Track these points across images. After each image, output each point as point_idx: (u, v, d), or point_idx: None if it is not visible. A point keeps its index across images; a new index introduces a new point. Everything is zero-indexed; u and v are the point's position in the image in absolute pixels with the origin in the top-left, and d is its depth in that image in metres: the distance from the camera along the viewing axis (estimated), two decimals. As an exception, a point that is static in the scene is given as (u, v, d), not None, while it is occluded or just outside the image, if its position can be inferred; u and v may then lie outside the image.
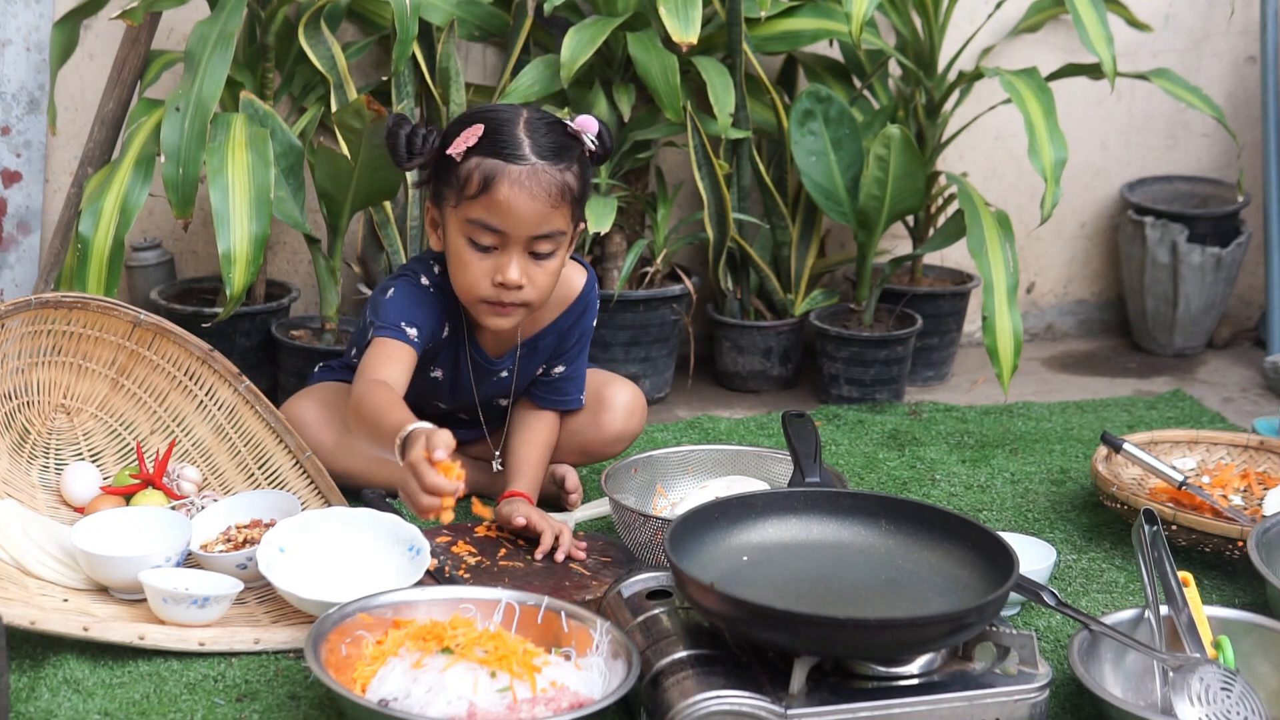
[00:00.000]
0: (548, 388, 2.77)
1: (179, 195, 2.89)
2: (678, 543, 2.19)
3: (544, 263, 2.52)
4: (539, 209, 2.46)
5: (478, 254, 2.50)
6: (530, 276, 2.51)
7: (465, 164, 2.46)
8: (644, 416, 2.86)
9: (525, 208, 2.45)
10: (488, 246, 2.49)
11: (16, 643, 2.28)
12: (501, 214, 2.46)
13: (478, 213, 2.47)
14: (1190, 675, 2.13)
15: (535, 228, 2.47)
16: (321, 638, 2.13)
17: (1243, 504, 2.76)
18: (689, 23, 3.05)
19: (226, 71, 2.91)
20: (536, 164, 2.45)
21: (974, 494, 2.95)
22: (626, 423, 2.82)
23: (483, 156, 2.45)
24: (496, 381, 2.75)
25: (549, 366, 2.76)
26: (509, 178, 2.44)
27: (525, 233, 2.47)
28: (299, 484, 2.71)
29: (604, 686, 2.10)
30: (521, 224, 2.46)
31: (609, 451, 2.85)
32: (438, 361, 2.70)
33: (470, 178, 2.46)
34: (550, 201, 2.46)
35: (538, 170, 2.45)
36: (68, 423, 2.74)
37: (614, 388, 2.83)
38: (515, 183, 2.44)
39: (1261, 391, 3.61)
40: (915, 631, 2.04)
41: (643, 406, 2.85)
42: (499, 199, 2.45)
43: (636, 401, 2.84)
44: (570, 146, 2.51)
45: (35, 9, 3.30)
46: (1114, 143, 3.90)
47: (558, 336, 2.72)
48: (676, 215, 3.54)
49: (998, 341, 3.15)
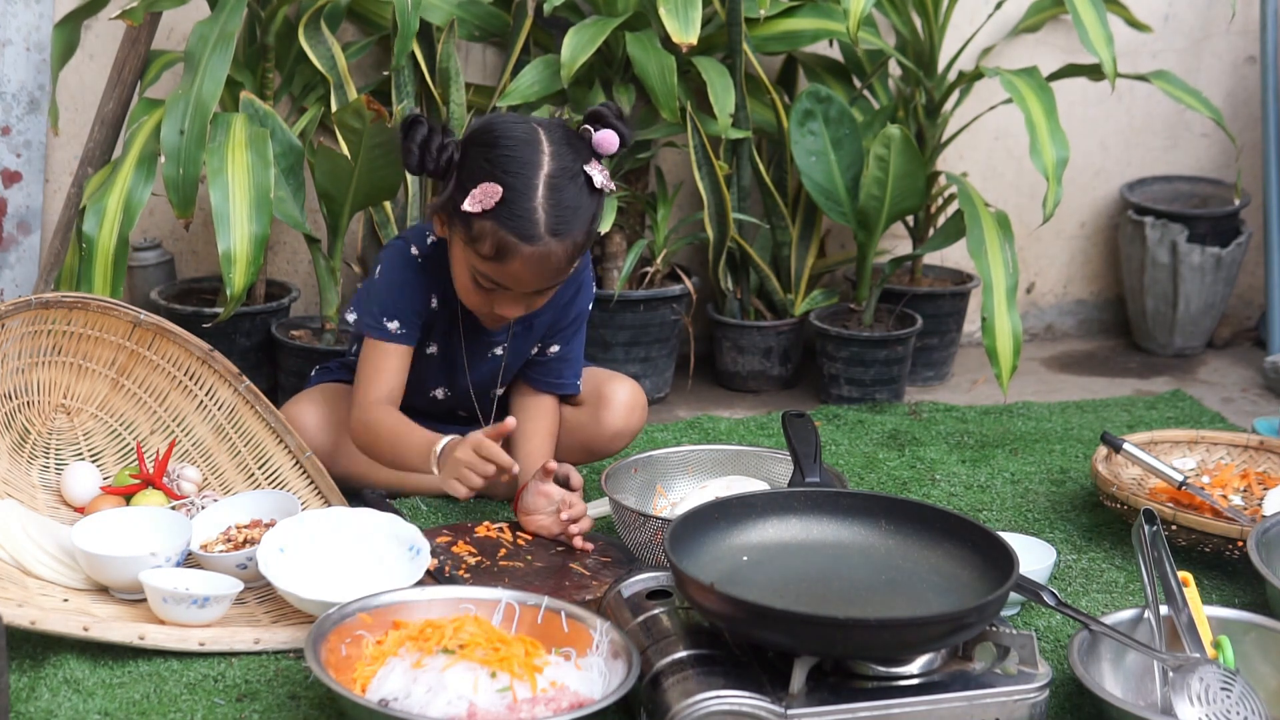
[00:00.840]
0: (543, 369, 2.78)
1: (179, 195, 2.89)
2: (678, 543, 2.19)
3: (545, 294, 2.59)
4: (545, 279, 2.52)
5: (479, 289, 2.54)
6: (529, 305, 2.59)
7: (479, 222, 2.46)
8: (644, 414, 2.87)
9: (531, 280, 2.51)
10: (490, 289, 2.54)
11: (16, 643, 2.28)
12: (509, 279, 2.50)
13: (486, 269, 2.50)
14: (1190, 675, 2.13)
15: (539, 287, 2.54)
16: (321, 638, 2.13)
17: (1243, 504, 2.76)
18: (689, 23, 3.05)
19: (226, 71, 2.91)
20: (549, 242, 2.46)
21: (974, 494, 2.95)
22: (628, 419, 2.83)
23: (497, 224, 2.45)
24: (491, 359, 2.75)
25: (544, 345, 2.77)
26: (520, 256, 2.46)
27: (529, 290, 2.53)
28: (299, 484, 2.71)
29: (604, 686, 2.10)
30: (526, 287, 2.52)
31: (611, 448, 2.86)
32: (432, 335, 2.71)
33: (483, 239, 2.47)
34: (557, 272, 2.51)
35: (549, 249, 2.46)
36: (68, 423, 2.74)
37: (615, 384, 2.84)
38: (527, 261, 2.46)
39: (1261, 391, 3.61)
40: (915, 631, 2.04)
41: (643, 404, 2.86)
42: (509, 270, 2.48)
43: (637, 398, 2.85)
44: (587, 206, 2.50)
45: (35, 9, 3.30)
46: (1114, 143, 3.90)
47: (552, 314, 2.73)
48: (676, 215, 3.54)
49: (997, 342, 3.15)
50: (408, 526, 2.48)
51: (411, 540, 2.46)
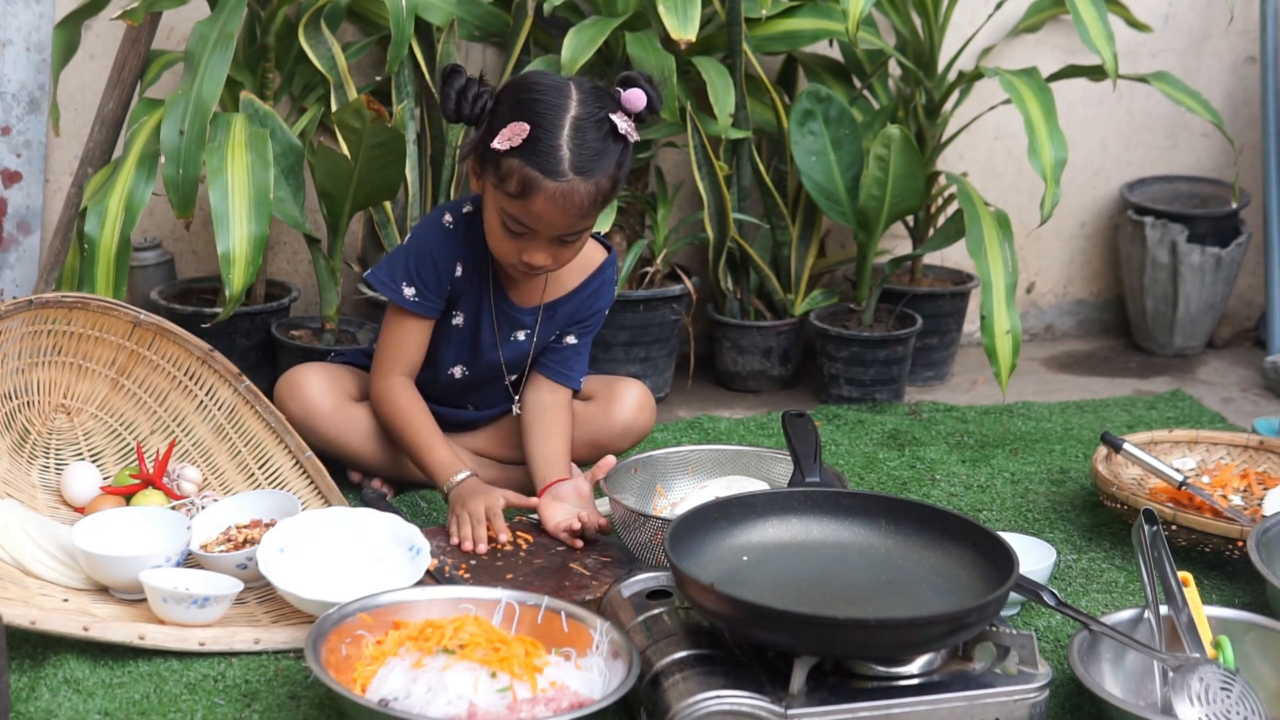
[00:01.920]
0: (555, 355, 2.81)
1: (179, 195, 2.89)
2: (678, 543, 2.19)
3: (570, 244, 2.61)
4: (569, 220, 2.54)
5: (508, 234, 2.57)
6: (556, 256, 2.61)
7: (507, 160, 2.51)
8: (653, 414, 2.92)
9: (557, 219, 2.53)
10: (518, 233, 2.57)
11: (16, 643, 2.28)
12: (534, 219, 2.54)
13: (513, 209, 2.54)
14: (1190, 675, 2.13)
15: (564, 231, 2.56)
16: (321, 638, 2.13)
17: (1243, 504, 2.76)
18: (688, 21, 3.05)
19: (226, 71, 2.91)
20: (573, 180, 2.50)
21: (974, 494, 2.95)
22: (636, 415, 2.87)
23: (523, 161, 2.50)
24: (514, 343, 2.78)
25: (561, 335, 2.80)
26: (545, 193, 2.50)
27: (554, 234, 2.56)
28: (299, 484, 2.71)
29: (604, 686, 2.10)
30: (552, 228, 2.55)
31: (618, 444, 2.87)
32: (460, 304, 2.75)
33: (510, 177, 2.52)
34: (581, 213, 2.54)
35: (574, 187, 2.50)
36: (68, 423, 2.74)
37: (624, 384, 2.90)
38: (550, 198, 2.50)
39: (1261, 391, 3.61)
40: (915, 631, 2.04)
41: (652, 406, 2.91)
42: (533, 208, 2.52)
43: (646, 398, 2.90)
44: (612, 150, 2.56)
45: (35, 9, 3.30)
46: (1114, 143, 3.90)
47: (577, 304, 2.79)
48: (676, 215, 3.54)
49: (996, 341, 3.15)
50: (408, 526, 2.48)
51: (411, 540, 2.46)
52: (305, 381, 2.81)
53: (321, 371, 2.84)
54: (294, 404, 2.79)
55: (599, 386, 2.90)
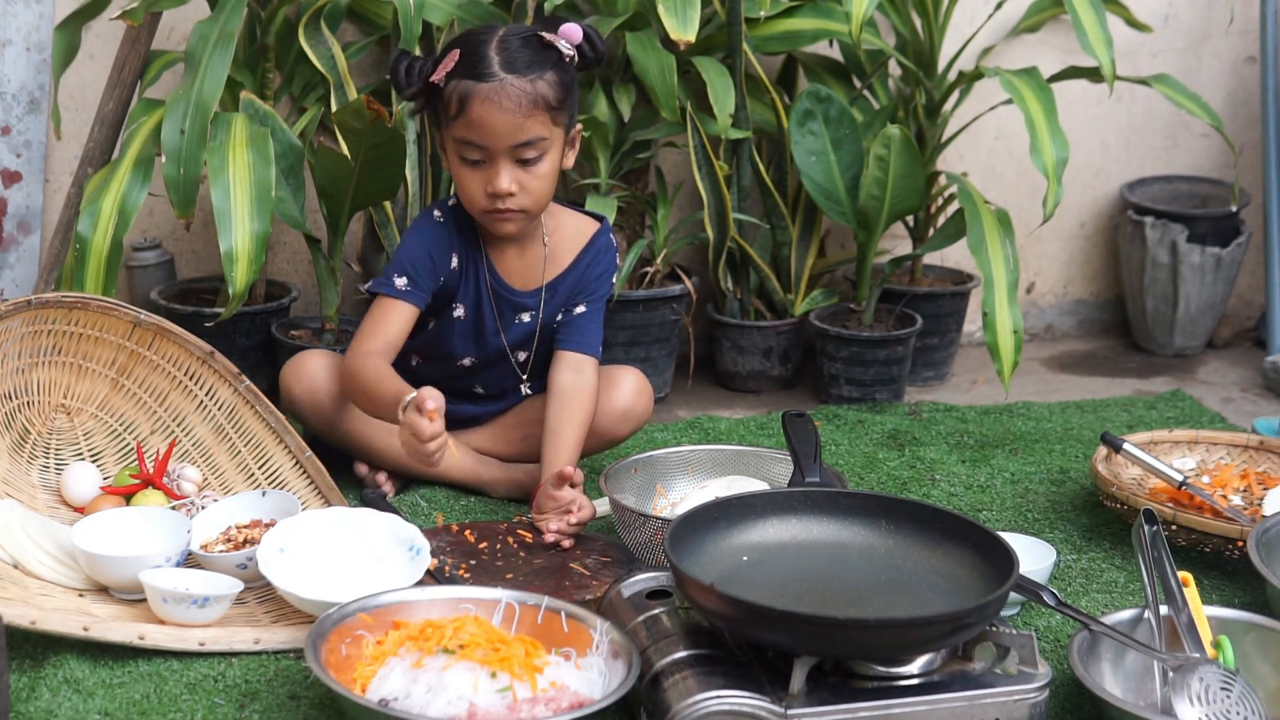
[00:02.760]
0: (570, 328, 2.83)
1: (180, 195, 2.89)
2: (678, 543, 2.19)
3: (533, 168, 2.65)
4: (511, 120, 2.59)
5: (469, 169, 2.65)
6: (521, 183, 2.65)
7: (446, 88, 2.62)
8: (650, 401, 2.92)
9: (498, 121, 2.59)
10: (476, 160, 2.64)
11: (16, 643, 2.28)
12: (478, 130, 2.60)
13: (460, 131, 2.62)
14: (1190, 675, 2.13)
15: (512, 137, 2.61)
16: (321, 638, 2.13)
17: (1243, 504, 2.76)
18: (687, 21, 3.05)
19: (226, 71, 2.91)
20: (505, 79, 2.59)
21: (974, 494, 2.95)
22: (634, 401, 2.88)
23: (459, 79, 2.61)
24: (519, 325, 2.81)
25: (570, 306, 2.82)
26: (479, 95, 2.59)
27: (504, 144, 2.61)
28: (299, 484, 2.71)
29: (604, 686, 2.10)
30: (498, 136, 2.60)
31: (618, 430, 2.88)
32: (458, 296, 2.78)
33: (450, 100, 2.62)
34: (521, 111, 2.59)
35: (506, 84, 2.59)
36: (68, 423, 2.74)
37: (621, 371, 2.92)
38: (485, 99, 2.59)
39: (1261, 391, 3.61)
40: (915, 631, 2.04)
41: (649, 392, 2.92)
42: (473, 117, 2.60)
43: (643, 384, 2.91)
44: (543, 56, 2.64)
45: (35, 9, 3.30)
46: (1114, 143, 3.90)
47: (577, 278, 2.81)
48: (676, 215, 3.54)
49: (998, 338, 3.15)
50: (408, 526, 2.48)
51: (411, 540, 2.46)
52: (311, 365, 2.83)
53: (327, 357, 2.86)
54: (300, 386, 2.81)
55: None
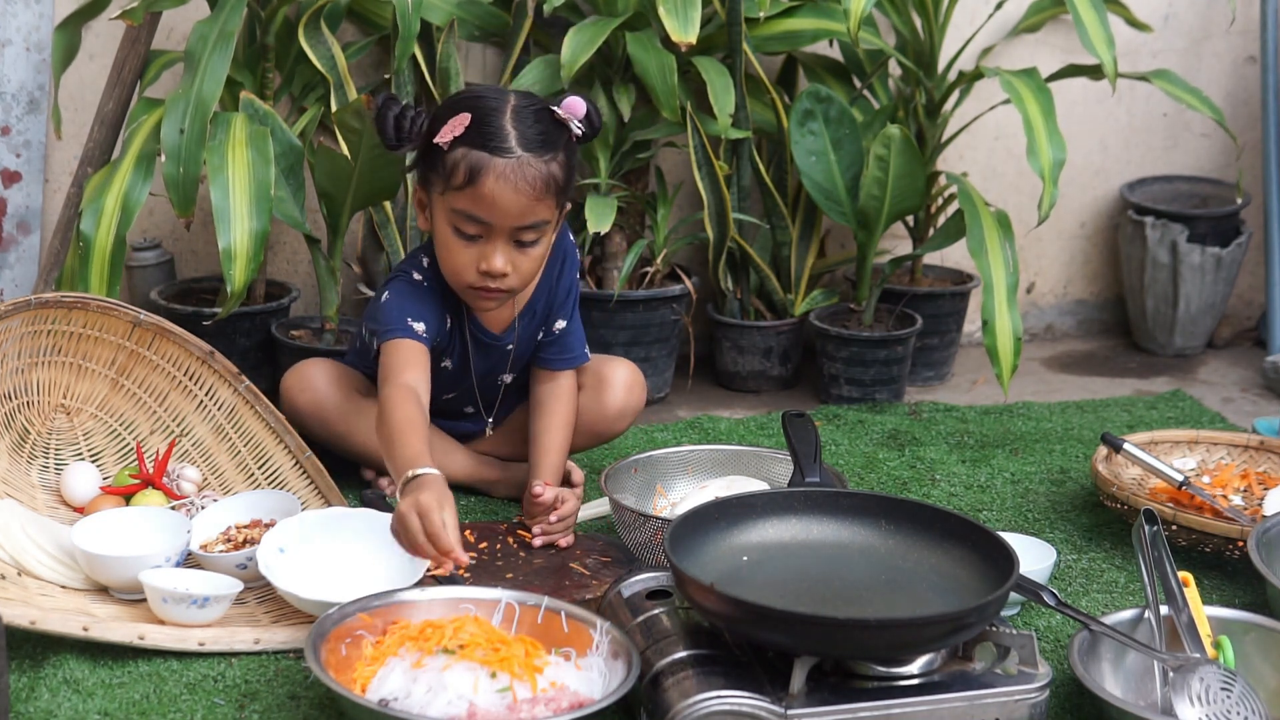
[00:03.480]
0: (554, 348, 2.78)
1: (180, 194, 2.89)
2: (678, 543, 2.19)
3: (528, 250, 2.54)
4: (523, 202, 2.48)
5: (463, 242, 2.52)
6: (514, 264, 2.54)
7: (452, 153, 2.47)
8: (643, 392, 2.89)
9: (510, 201, 2.47)
10: (473, 235, 2.52)
11: (16, 643, 2.28)
12: (486, 206, 2.48)
13: (463, 204, 2.49)
14: (1190, 675, 2.13)
15: (519, 219, 2.50)
16: (321, 638, 2.13)
17: (1243, 504, 2.76)
18: (688, 23, 3.05)
19: (226, 71, 2.91)
20: (522, 157, 2.46)
21: (974, 494, 2.95)
22: (628, 397, 2.85)
23: (469, 148, 2.47)
24: (502, 357, 2.77)
25: (549, 324, 2.77)
26: (494, 171, 2.46)
27: (509, 224, 2.50)
28: (299, 484, 2.71)
29: (604, 686, 2.10)
30: (506, 216, 2.49)
31: (614, 428, 2.88)
32: (446, 352, 2.72)
33: (456, 168, 2.47)
34: (534, 194, 2.48)
35: (523, 164, 2.46)
36: (68, 423, 2.74)
37: (612, 365, 2.87)
38: (500, 176, 2.46)
39: (1261, 391, 3.61)
40: (915, 631, 2.04)
41: (641, 382, 2.89)
42: (484, 192, 2.46)
43: (635, 377, 2.87)
44: (557, 135, 2.52)
45: (35, 9, 3.30)
46: (1114, 143, 3.90)
47: (549, 294, 2.74)
48: (676, 215, 3.54)
49: (997, 341, 3.15)
50: (408, 526, 2.48)
51: (411, 540, 2.45)
52: (314, 375, 2.81)
53: (329, 366, 2.84)
54: (304, 397, 2.79)
55: (587, 374, 2.85)
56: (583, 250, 3.38)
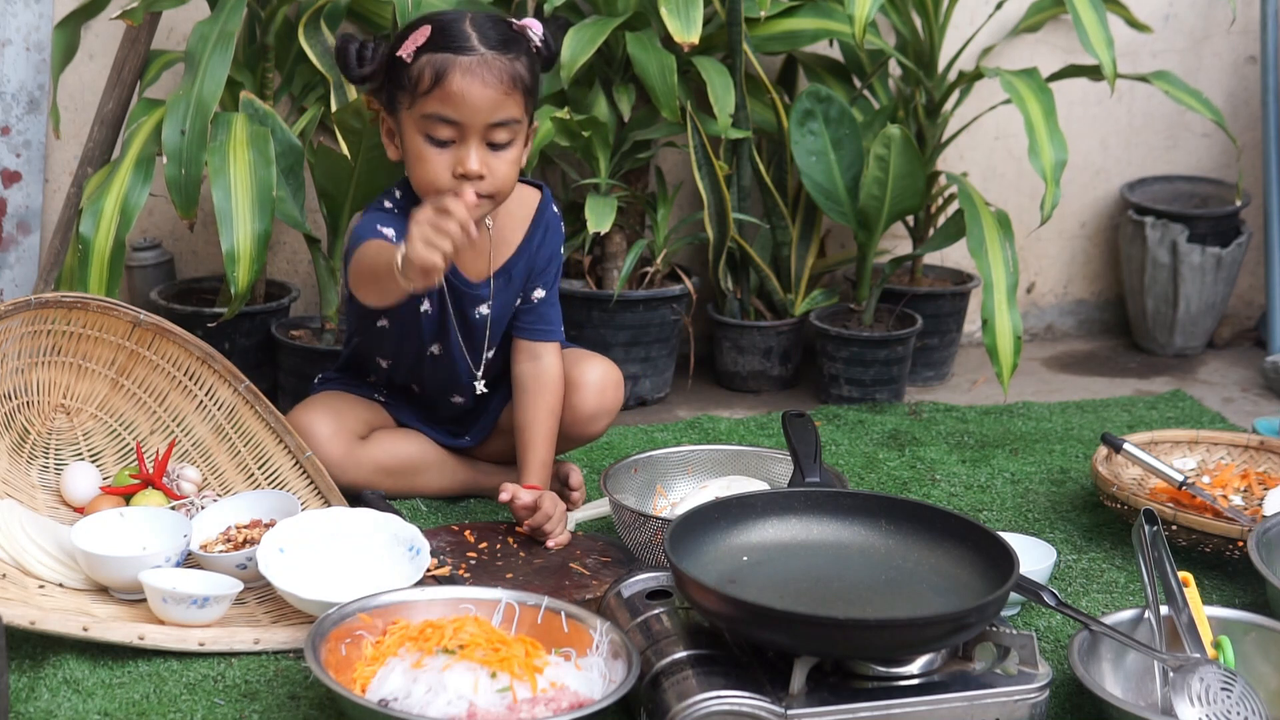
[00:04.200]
0: (531, 316, 2.76)
1: (182, 195, 2.89)
2: (678, 543, 2.19)
3: (501, 153, 2.57)
4: (492, 95, 2.52)
5: (436, 149, 2.55)
6: (490, 167, 2.56)
7: (416, 63, 2.53)
8: (619, 391, 2.82)
9: (478, 95, 2.51)
10: (445, 140, 2.55)
11: (16, 643, 2.28)
12: (455, 104, 2.52)
13: (432, 107, 2.53)
14: (1190, 675, 2.13)
15: (490, 115, 2.53)
16: (321, 638, 2.13)
17: (1243, 504, 2.76)
18: (690, 22, 3.05)
19: (226, 71, 2.90)
20: (485, 54, 2.53)
21: (974, 494, 2.95)
22: (600, 399, 2.79)
23: (432, 53, 2.53)
24: (478, 319, 2.74)
25: (527, 292, 2.76)
26: (460, 68, 2.51)
27: (481, 121, 2.53)
28: (299, 484, 2.71)
29: (604, 686, 2.10)
30: (476, 112, 2.52)
31: (590, 430, 2.82)
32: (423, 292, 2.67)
33: (422, 74, 2.52)
34: (503, 88, 2.53)
35: (487, 59, 2.52)
36: (68, 423, 2.74)
37: (583, 365, 2.80)
38: (467, 71, 2.51)
39: (1261, 391, 3.61)
40: (915, 631, 2.04)
41: (617, 381, 2.82)
42: (452, 89, 2.51)
43: (609, 376, 2.81)
44: (517, 39, 2.59)
45: (35, 9, 3.30)
46: (1114, 142, 3.90)
47: (528, 259, 2.74)
48: (676, 215, 3.54)
49: (998, 341, 3.15)
50: (408, 526, 2.48)
51: (411, 540, 2.46)
52: (311, 429, 2.73)
53: (325, 413, 2.76)
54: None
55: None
56: (583, 250, 3.38)
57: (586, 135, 3.20)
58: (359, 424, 2.80)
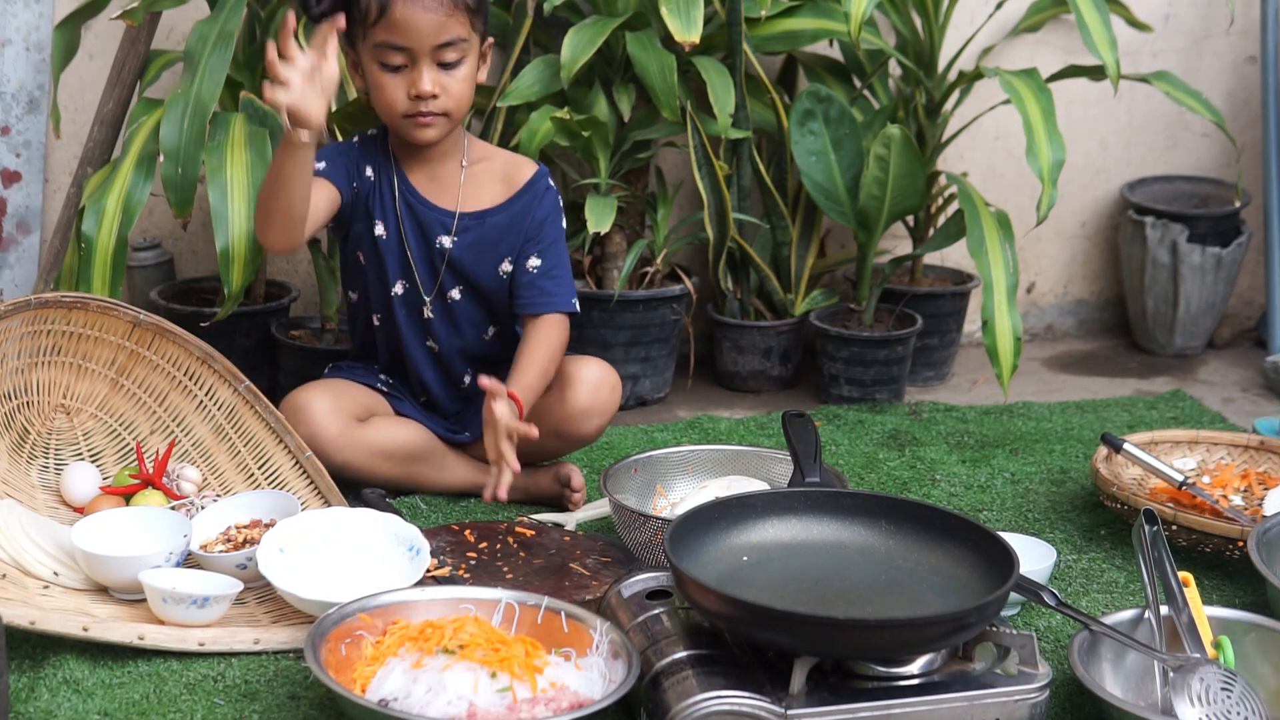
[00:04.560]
0: (531, 289, 2.80)
1: (178, 195, 2.89)
2: (678, 543, 2.19)
3: (453, 71, 2.70)
4: (434, 19, 2.65)
5: (390, 74, 2.69)
6: (443, 86, 2.69)
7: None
8: (615, 392, 2.84)
9: (421, 20, 2.65)
10: (398, 66, 2.68)
11: (16, 643, 2.28)
12: (401, 30, 2.65)
13: (381, 36, 2.66)
14: (1190, 675, 2.13)
15: (435, 37, 2.66)
16: (321, 638, 2.13)
17: (1243, 504, 2.76)
18: (691, 22, 3.05)
19: (226, 71, 2.91)
20: None
21: (974, 494, 2.95)
22: (593, 396, 2.80)
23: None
24: (439, 248, 2.78)
25: (522, 259, 2.79)
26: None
27: (427, 44, 2.66)
28: (299, 484, 2.71)
29: (604, 686, 2.10)
30: (421, 36, 2.65)
31: (582, 430, 2.82)
32: (376, 213, 2.77)
33: (370, 7, 2.66)
34: (444, 10, 2.65)
35: None
36: (68, 423, 2.74)
37: (579, 364, 2.83)
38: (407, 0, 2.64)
39: (1261, 391, 3.61)
40: (915, 631, 2.04)
41: (613, 383, 2.83)
42: (396, 18, 2.65)
43: (604, 376, 2.82)
44: None
45: (35, 9, 3.30)
46: (1114, 142, 3.90)
47: (509, 218, 2.80)
48: (676, 215, 3.54)
49: (997, 342, 3.15)
50: (408, 526, 2.48)
51: (411, 540, 2.46)
52: (310, 406, 2.75)
53: (324, 393, 2.79)
54: (300, 430, 2.74)
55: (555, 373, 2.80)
56: (583, 250, 3.38)
57: (586, 135, 3.20)
58: (358, 408, 2.82)
